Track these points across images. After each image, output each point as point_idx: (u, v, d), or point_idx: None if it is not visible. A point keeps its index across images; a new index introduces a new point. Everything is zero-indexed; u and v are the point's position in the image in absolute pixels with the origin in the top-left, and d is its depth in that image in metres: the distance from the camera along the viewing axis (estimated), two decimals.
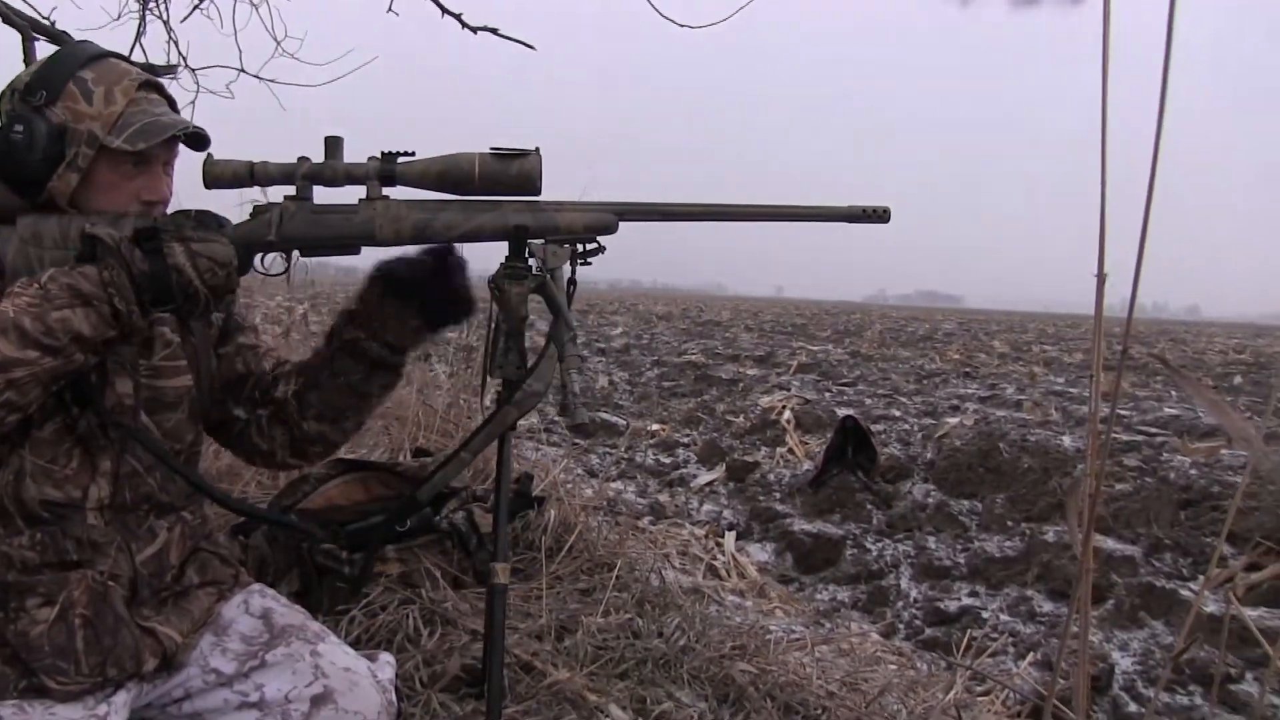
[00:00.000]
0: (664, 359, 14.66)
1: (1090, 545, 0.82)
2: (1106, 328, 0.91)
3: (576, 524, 3.22)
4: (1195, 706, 3.47)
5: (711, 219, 1.71)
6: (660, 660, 2.53)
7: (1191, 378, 0.83)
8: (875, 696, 2.63)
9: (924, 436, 7.52)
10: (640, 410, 9.99)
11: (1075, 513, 0.83)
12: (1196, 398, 0.82)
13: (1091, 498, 0.80)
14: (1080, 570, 0.83)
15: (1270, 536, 4.74)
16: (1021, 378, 13.30)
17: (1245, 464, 5.53)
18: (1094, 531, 3.04)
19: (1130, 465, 6.24)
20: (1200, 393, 0.81)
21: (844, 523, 5.73)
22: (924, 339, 24.04)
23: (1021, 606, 4.50)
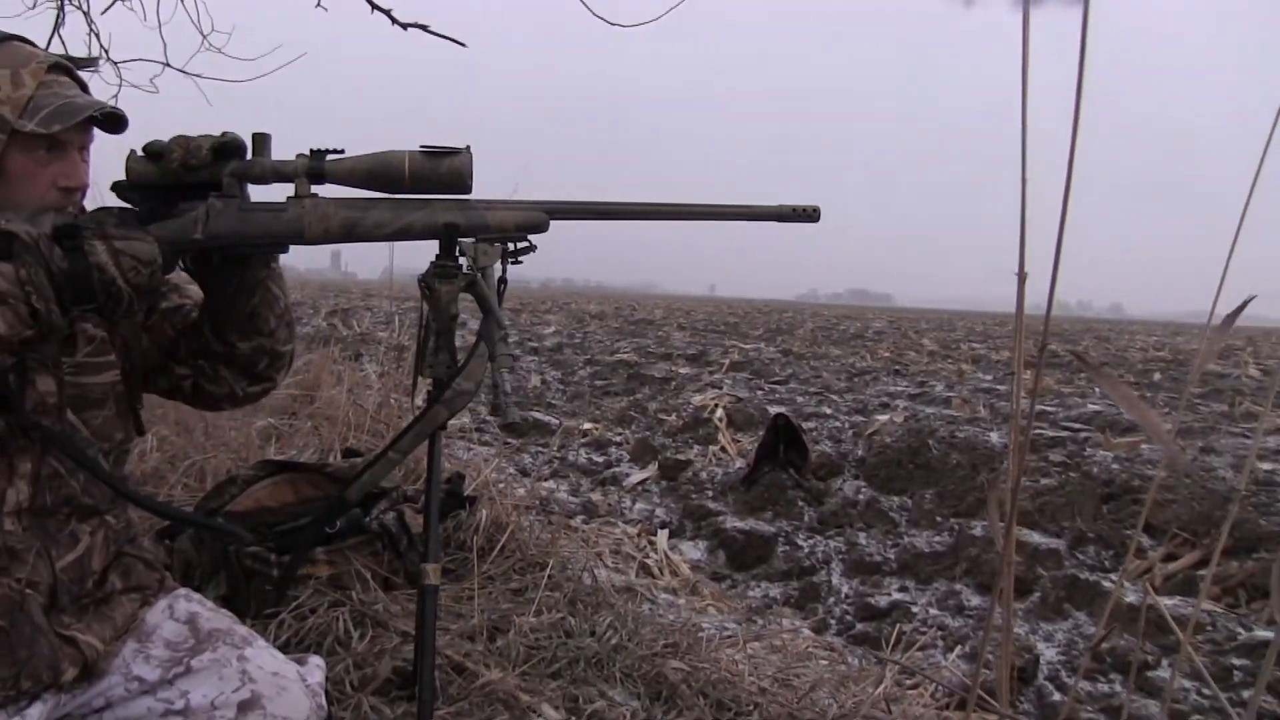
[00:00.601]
0: (597, 358, 14.65)
1: (1012, 539, 0.83)
2: (1032, 325, 0.92)
3: (509, 523, 3.21)
4: (1115, 694, 3.54)
5: (642, 218, 1.71)
6: (593, 659, 2.53)
7: (1109, 375, 0.84)
8: (806, 692, 2.65)
9: (854, 434, 7.60)
10: (573, 409, 9.98)
11: (996, 507, 0.85)
12: (1113, 394, 0.83)
13: (1012, 492, 0.81)
14: (1003, 564, 0.85)
15: (1186, 528, 4.86)
16: (950, 375, 13.48)
17: (1164, 458, 5.65)
18: (1020, 526, 3.10)
19: (1055, 460, 6.35)
20: (1117, 389, 0.83)
21: (776, 520, 5.77)
22: (855, 337, 24.26)
23: (950, 600, 4.56)
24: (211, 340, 1.65)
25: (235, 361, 1.67)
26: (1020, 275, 0.83)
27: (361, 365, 7.11)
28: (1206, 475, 5.20)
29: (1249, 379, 13.80)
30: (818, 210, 1.67)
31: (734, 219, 1.71)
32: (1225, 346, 22.99)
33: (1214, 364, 16.48)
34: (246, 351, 1.66)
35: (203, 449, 3.73)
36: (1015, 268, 0.88)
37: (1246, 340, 26.67)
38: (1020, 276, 0.83)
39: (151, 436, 3.60)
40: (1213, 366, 15.76)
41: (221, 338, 1.64)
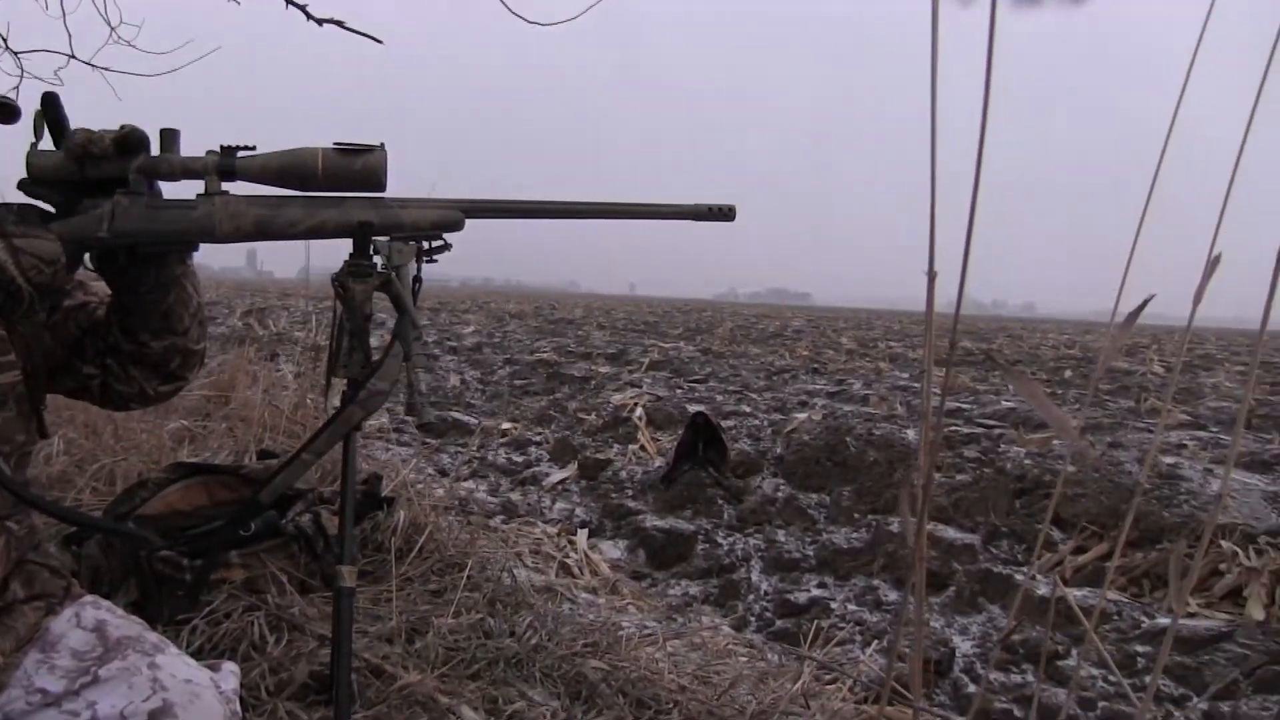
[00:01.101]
0: (516, 357, 14.59)
1: (924, 534, 0.85)
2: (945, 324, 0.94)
3: (427, 524, 3.19)
4: (1027, 684, 3.61)
5: (558, 216, 1.71)
6: (512, 659, 2.52)
7: (1018, 373, 0.86)
8: (726, 689, 2.67)
9: (773, 432, 7.65)
10: (492, 409, 9.93)
11: (908, 503, 0.86)
12: (1022, 392, 0.85)
13: (924, 488, 0.83)
14: (915, 559, 0.86)
15: (1095, 521, 4.97)
16: (868, 373, 13.64)
17: (1075, 454, 5.78)
18: (936, 522, 3.16)
19: (970, 457, 6.46)
20: (1025, 387, 0.85)
21: (695, 518, 5.79)
22: (774, 336, 24.44)
23: (868, 596, 4.62)
24: (121, 339, 1.61)
25: (146, 360, 1.64)
26: (930, 274, 0.84)
27: (278, 366, 7.02)
28: (1114, 470, 5.33)
29: (1154, 375, 14.15)
30: (733, 209, 1.69)
31: (651, 217, 1.71)
32: (1132, 344, 23.53)
33: (1121, 361, 16.88)
34: (158, 350, 1.63)
35: (112, 452, 3.65)
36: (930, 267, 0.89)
37: (1152, 338, 27.34)
38: (930, 275, 0.84)
39: (58, 439, 3.51)
40: (1120, 364, 16.15)
41: (132, 336, 1.61)
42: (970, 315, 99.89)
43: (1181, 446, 7.27)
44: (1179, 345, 23.41)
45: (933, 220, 0.86)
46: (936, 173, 0.86)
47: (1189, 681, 3.53)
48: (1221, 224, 1.17)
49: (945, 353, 0.95)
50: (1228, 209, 1.14)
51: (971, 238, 0.82)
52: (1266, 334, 0.98)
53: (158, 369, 1.65)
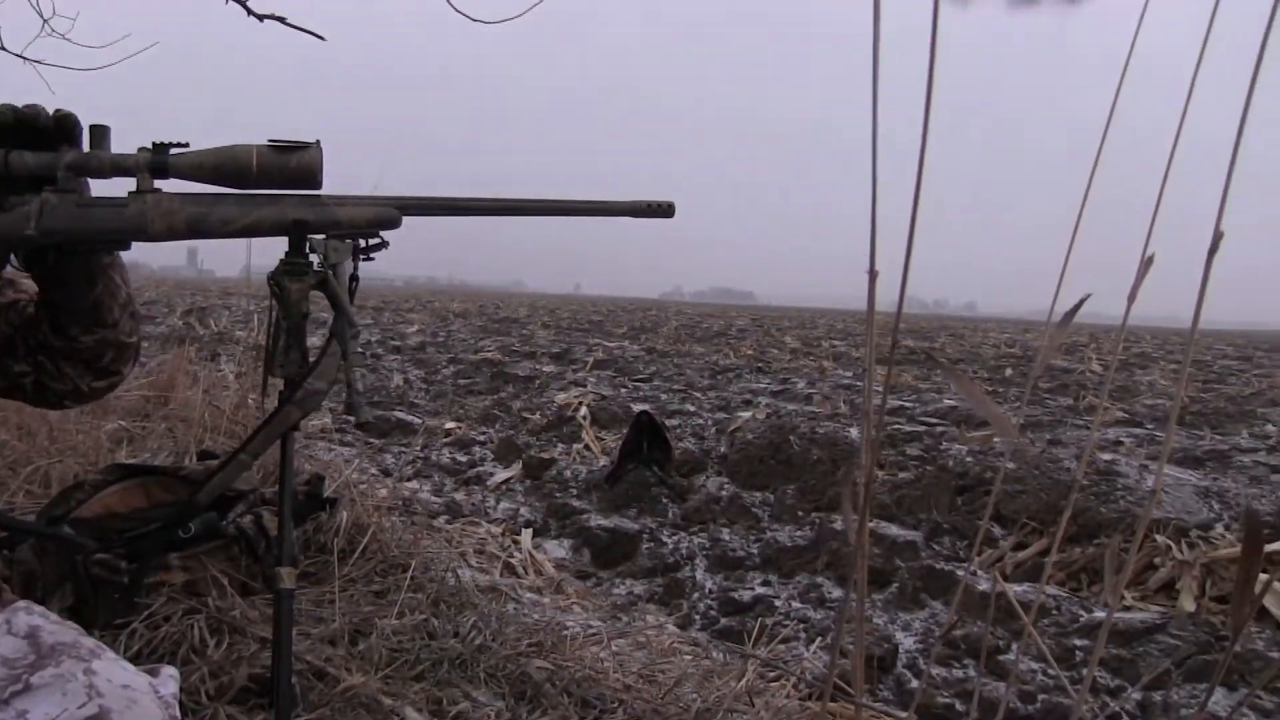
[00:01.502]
0: (460, 356, 14.52)
1: (865, 531, 0.85)
2: (885, 322, 0.94)
3: (370, 525, 3.16)
4: (969, 678, 3.65)
5: (498, 214, 1.70)
6: (456, 660, 2.51)
7: (957, 371, 0.87)
8: (671, 687, 2.67)
9: (717, 431, 7.68)
10: (436, 408, 9.88)
11: (850, 500, 0.87)
12: (961, 390, 0.86)
13: (865, 486, 0.83)
14: (857, 556, 0.87)
15: (1035, 517, 5.04)
16: (812, 372, 13.72)
17: (1014, 451, 5.85)
18: (879, 519, 3.18)
19: (912, 455, 6.52)
20: (963, 385, 0.86)
21: (640, 517, 5.80)
22: (718, 335, 24.52)
23: (812, 593, 4.64)
24: (51, 336, 1.59)
25: (78, 356, 1.61)
26: (871, 274, 0.85)
27: (219, 365, 6.93)
28: (1053, 466, 5.40)
29: (1092, 374, 14.37)
30: (672, 206, 1.69)
31: (591, 214, 1.71)
32: (1071, 343, 23.90)
33: (1060, 360, 17.13)
34: (90, 345, 1.61)
35: (47, 453, 3.59)
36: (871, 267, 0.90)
37: (1090, 337, 27.76)
38: (871, 275, 0.85)
39: None
40: (1059, 362, 16.39)
41: (62, 332, 1.58)
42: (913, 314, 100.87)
43: (1119, 443, 7.40)
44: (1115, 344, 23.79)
45: (874, 220, 0.87)
46: (878, 173, 0.87)
47: (1124, 673, 3.59)
48: (1155, 225, 1.19)
49: (887, 352, 0.96)
50: (1165, 210, 1.16)
51: (914, 238, 0.83)
52: (1198, 333, 0.99)
53: (90, 364, 1.63)
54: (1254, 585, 0.85)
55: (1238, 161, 1.03)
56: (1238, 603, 0.85)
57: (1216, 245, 1.05)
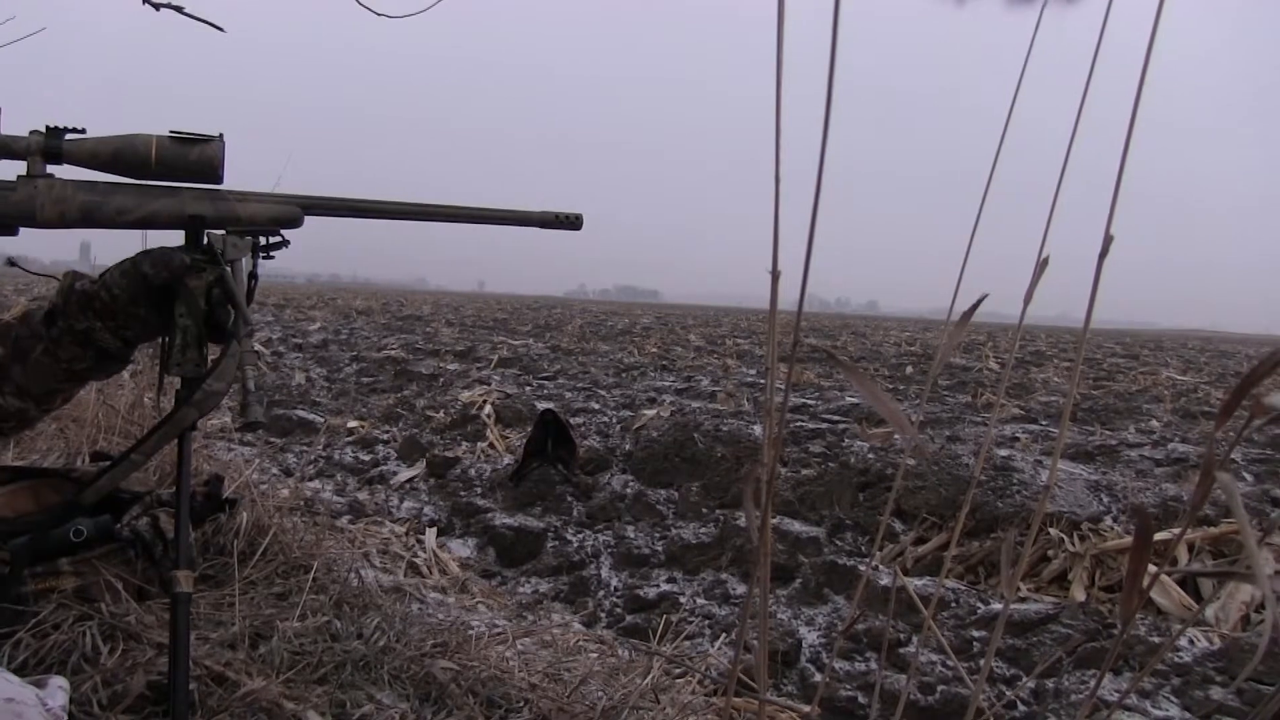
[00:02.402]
0: (363, 354, 14.33)
1: (768, 527, 0.86)
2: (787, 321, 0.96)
3: (271, 526, 3.11)
4: (871, 671, 3.71)
5: (403, 217, 1.69)
6: (360, 662, 2.48)
7: (855, 369, 0.89)
8: (576, 686, 2.67)
9: (622, 428, 7.69)
10: (338, 407, 9.74)
11: (750, 497, 0.88)
12: (859, 387, 0.88)
13: (768, 483, 0.84)
14: (759, 552, 0.88)
15: (935, 512, 5.14)
16: (716, 370, 13.82)
17: (914, 447, 5.96)
18: (783, 515, 3.21)
19: (815, 452, 6.60)
20: (861, 383, 0.87)
21: (545, 515, 5.78)
22: (623, 333, 24.57)
23: (717, 590, 4.67)
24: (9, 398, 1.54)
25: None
26: (773, 273, 0.86)
27: None
28: (952, 462, 5.51)
29: (990, 371, 14.70)
30: (580, 218, 1.69)
31: (498, 223, 1.71)
32: (970, 342, 24.39)
33: (959, 358, 17.48)
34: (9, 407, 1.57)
35: None
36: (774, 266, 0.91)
37: (988, 336, 28.38)
38: (773, 274, 0.86)
39: None
40: (958, 360, 16.73)
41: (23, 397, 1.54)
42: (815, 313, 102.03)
43: (1015, 439, 7.58)
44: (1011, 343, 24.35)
45: (776, 219, 0.88)
46: (781, 172, 0.88)
47: (1019, 662, 3.68)
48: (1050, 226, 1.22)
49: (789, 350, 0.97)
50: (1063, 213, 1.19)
51: (814, 237, 0.84)
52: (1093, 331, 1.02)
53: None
54: (1143, 577, 0.88)
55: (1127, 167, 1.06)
56: (1127, 593, 0.88)
57: (1107, 248, 1.08)
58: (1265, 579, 0.69)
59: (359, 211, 1.66)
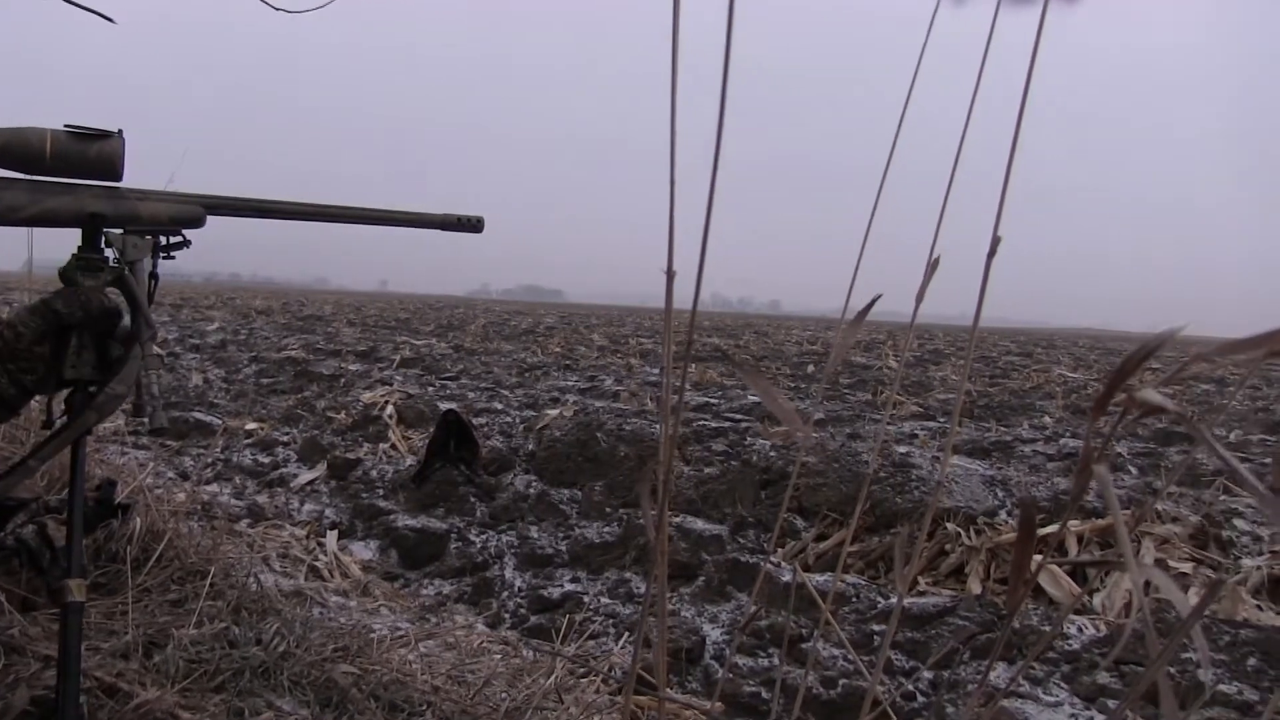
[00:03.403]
0: (263, 355, 14.08)
1: (665, 524, 0.88)
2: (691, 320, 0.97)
3: (166, 531, 3.05)
4: (774, 666, 3.75)
5: (306, 218, 1.67)
6: (259, 668, 2.44)
7: (750, 368, 0.90)
8: (480, 687, 2.67)
9: (525, 428, 7.67)
10: (237, 409, 9.56)
11: (647, 496, 0.89)
12: (752, 385, 0.89)
13: (664, 482, 0.85)
14: (656, 551, 0.89)
15: (835, 509, 5.22)
16: (619, 369, 13.84)
17: (814, 445, 6.04)
18: (685, 514, 3.23)
19: (718, 450, 6.65)
20: (756, 382, 0.88)
21: (448, 516, 5.74)
22: (526, 333, 24.49)
23: (620, 589, 4.68)
24: None
25: None
26: (669, 273, 0.87)
27: None
28: (852, 460, 5.59)
29: (889, 370, 14.94)
30: (481, 221, 1.69)
31: (399, 225, 1.70)
32: (870, 340, 24.76)
33: (860, 357, 17.75)
34: None
35: None
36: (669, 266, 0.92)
37: (888, 335, 28.85)
38: (668, 274, 0.87)
39: None
40: (859, 359, 16.99)
41: None
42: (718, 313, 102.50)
43: (913, 436, 7.72)
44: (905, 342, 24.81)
45: (671, 219, 0.89)
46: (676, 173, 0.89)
47: (918, 654, 3.75)
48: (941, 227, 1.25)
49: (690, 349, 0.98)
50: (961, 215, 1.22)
51: (708, 237, 0.85)
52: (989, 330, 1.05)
53: None
54: (1028, 568, 0.90)
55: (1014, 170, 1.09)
56: (1013, 584, 0.91)
57: (995, 248, 1.11)
58: (1134, 565, 0.72)
59: (263, 212, 1.63)
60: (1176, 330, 0.81)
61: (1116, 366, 0.82)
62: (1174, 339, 0.83)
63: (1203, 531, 4.74)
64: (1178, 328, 0.81)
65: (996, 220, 1.12)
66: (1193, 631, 0.77)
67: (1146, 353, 0.80)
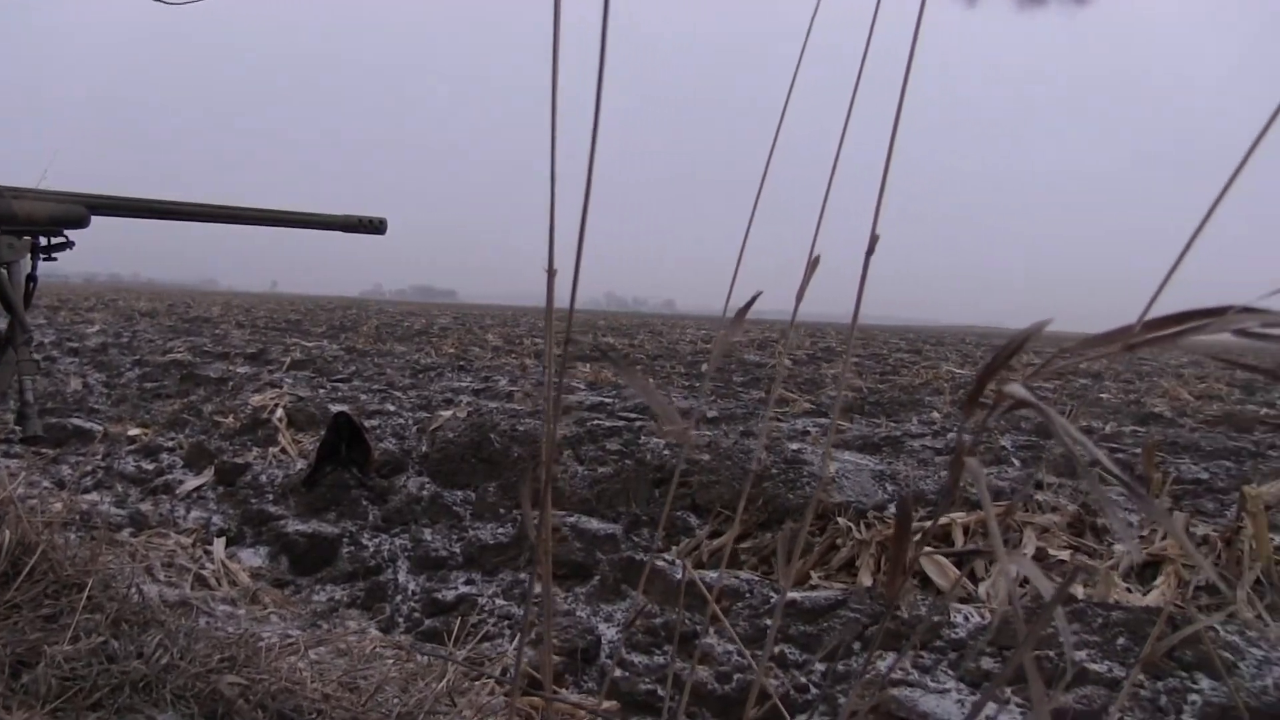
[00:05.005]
0: (147, 358, 13.71)
1: (548, 524, 0.87)
2: (586, 320, 0.96)
3: (39, 543, 2.94)
4: (670, 663, 3.77)
5: (199, 219, 1.63)
6: (140, 683, 2.37)
7: (627, 367, 0.90)
8: (372, 693, 2.63)
9: (418, 430, 7.59)
10: (119, 414, 9.30)
11: (528, 497, 0.88)
12: (631, 384, 0.89)
13: (546, 482, 0.85)
14: (538, 551, 0.88)
15: (729, 505, 5.26)
16: (513, 370, 13.78)
17: (707, 442, 6.08)
18: (579, 514, 3.22)
19: (612, 450, 6.65)
20: (633, 380, 0.88)
21: (339, 520, 5.65)
22: (420, 333, 24.26)
23: (515, 590, 4.66)
24: None
25: None
26: (549, 271, 0.86)
27: None
28: (745, 457, 5.64)
29: (783, 367, 15.12)
30: (384, 222, 1.67)
31: (298, 226, 1.67)
32: (763, 339, 25.03)
33: (753, 354, 17.94)
34: None
35: None
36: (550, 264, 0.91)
37: (780, 333, 29.21)
38: (549, 272, 0.86)
39: None
40: (753, 356, 17.17)
41: None
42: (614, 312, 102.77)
43: (806, 433, 7.82)
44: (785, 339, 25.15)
45: (552, 218, 0.88)
46: (556, 170, 0.89)
47: (812, 647, 3.80)
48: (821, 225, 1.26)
49: (581, 348, 0.98)
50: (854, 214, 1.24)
51: (584, 234, 0.85)
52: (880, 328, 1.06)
53: None
54: (905, 560, 0.92)
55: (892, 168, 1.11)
56: (892, 576, 0.92)
57: (873, 247, 1.12)
58: (1003, 555, 0.73)
59: (153, 212, 1.58)
60: (1042, 325, 0.83)
61: (987, 362, 0.84)
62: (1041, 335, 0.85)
63: (1079, 520, 4.88)
64: (1043, 323, 0.83)
65: (874, 219, 1.13)
66: (1057, 614, 0.79)
67: (1013, 348, 0.82)
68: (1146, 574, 4.36)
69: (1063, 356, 0.83)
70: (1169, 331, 0.78)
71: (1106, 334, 0.79)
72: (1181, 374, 17.73)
